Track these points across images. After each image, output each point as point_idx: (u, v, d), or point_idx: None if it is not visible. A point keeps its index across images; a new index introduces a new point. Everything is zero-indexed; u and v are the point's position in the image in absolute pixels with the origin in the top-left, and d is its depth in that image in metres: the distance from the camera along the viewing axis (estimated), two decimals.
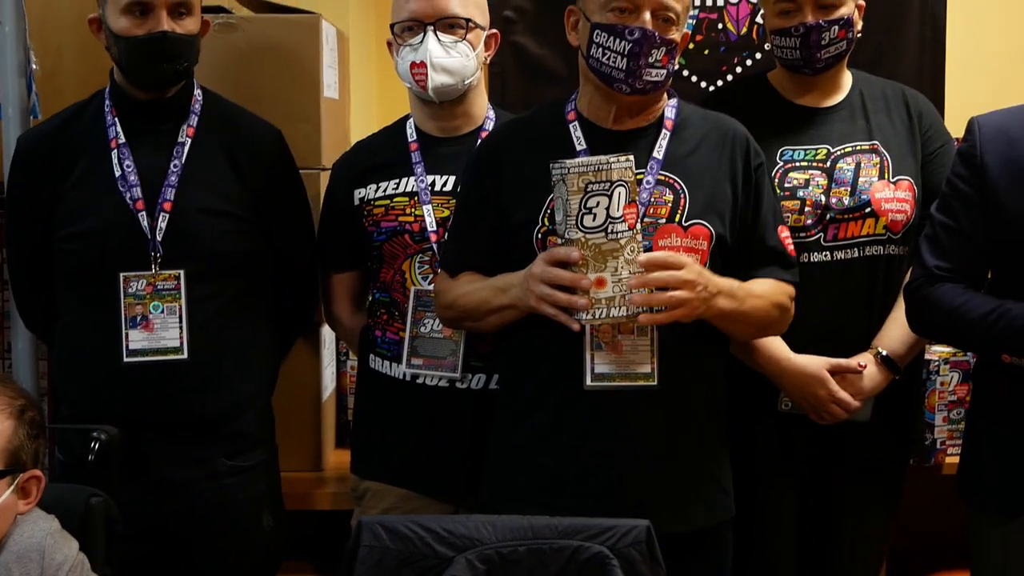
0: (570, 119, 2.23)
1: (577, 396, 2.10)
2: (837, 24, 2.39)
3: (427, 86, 2.42)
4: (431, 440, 2.44)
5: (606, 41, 2.12)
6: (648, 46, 2.10)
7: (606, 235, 1.99)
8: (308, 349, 2.82)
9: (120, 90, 2.45)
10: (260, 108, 2.60)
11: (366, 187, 2.50)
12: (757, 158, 2.23)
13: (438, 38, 2.42)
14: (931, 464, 2.88)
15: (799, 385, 2.39)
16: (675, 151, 2.19)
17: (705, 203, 2.15)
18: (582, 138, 2.20)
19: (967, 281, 2.19)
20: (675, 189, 2.16)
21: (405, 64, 2.44)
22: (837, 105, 2.49)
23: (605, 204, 1.98)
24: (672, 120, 2.22)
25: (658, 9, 2.11)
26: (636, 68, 2.11)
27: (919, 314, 2.25)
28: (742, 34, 3.66)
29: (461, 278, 2.25)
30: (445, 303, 2.27)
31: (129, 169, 2.40)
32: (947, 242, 2.20)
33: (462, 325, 2.30)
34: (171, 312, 2.38)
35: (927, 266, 2.21)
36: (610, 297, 2.00)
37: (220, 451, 2.44)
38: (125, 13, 2.34)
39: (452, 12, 2.43)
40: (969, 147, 2.20)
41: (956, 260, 2.19)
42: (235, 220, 2.44)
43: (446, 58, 2.42)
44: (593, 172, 1.98)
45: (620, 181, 1.98)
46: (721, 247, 2.16)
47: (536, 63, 3.61)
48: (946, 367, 2.88)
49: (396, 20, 2.47)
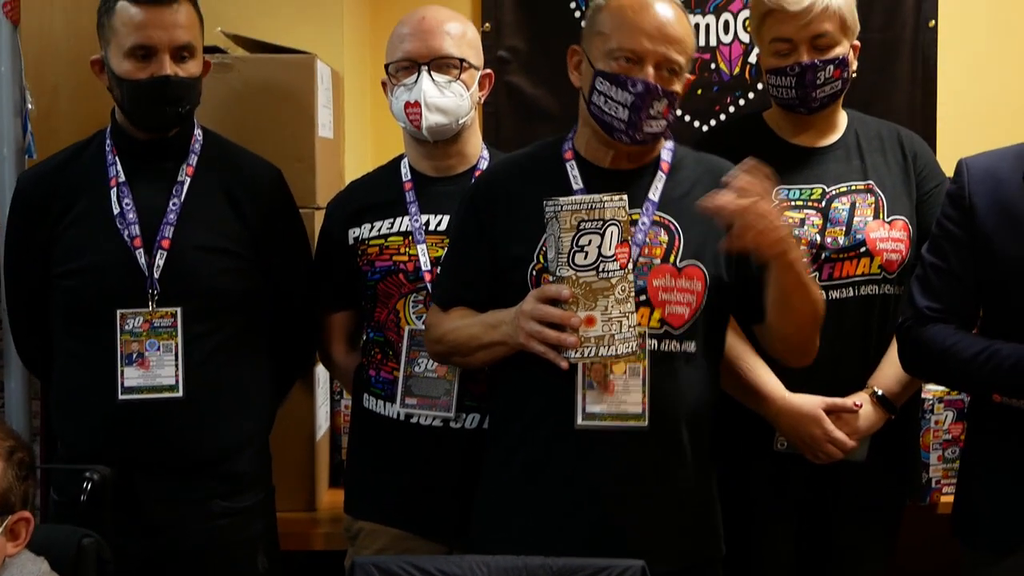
0: (567, 157, 2.24)
1: (567, 434, 2.09)
2: (832, 64, 2.40)
3: (421, 125, 2.43)
4: (425, 480, 2.43)
5: (608, 90, 2.13)
6: (650, 99, 2.12)
7: (597, 274, 1.99)
8: (302, 388, 2.81)
9: (121, 130, 2.46)
10: (255, 147, 2.60)
11: (361, 226, 2.51)
12: None
13: (432, 78, 2.43)
14: (926, 503, 2.87)
15: (795, 424, 2.38)
16: (670, 192, 2.20)
17: (699, 244, 2.16)
18: (579, 177, 2.21)
19: (958, 321, 2.20)
20: (670, 230, 2.16)
21: (399, 104, 2.45)
22: (832, 145, 2.51)
23: (597, 243, 1.99)
24: (668, 162, 2.23)
25: (662, 61, 2.12)
26: (637, 120, 2.12)
27: (910, 355, 2.26)
28: (735, 74, 3.68)
29: (452, 313, 2.25)
30: (435, 337, 2.27)
31: (128, 207, 2.40)
32: (937, 283, 2.21)
33: (451, 360, 2.30)
34: (167, 350, 2.37)
35: (918, 307, 2.21)
36: (599, 336, 2.00)
37: (215, 492, 2.42)
38: (129, 56, 2.35)
39: (446, 52, 2.45)
40: (958, 188, 2.21)
41: (946, 300, 2.20)
42: (234, 258, 2.44)
43: (440, 98, 2.43)
44: (586, 210, 1.98)
45: (613, 220, 1.99)
46: (717, 288, 2.16)
47: (530, 103, 3.62)
48: (940, 406, 2.87)
49: (390, 60, 2.49)
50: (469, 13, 3.62)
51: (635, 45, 2.12)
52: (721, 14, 3.66)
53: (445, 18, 2.47)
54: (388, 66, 2.50)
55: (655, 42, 2.12)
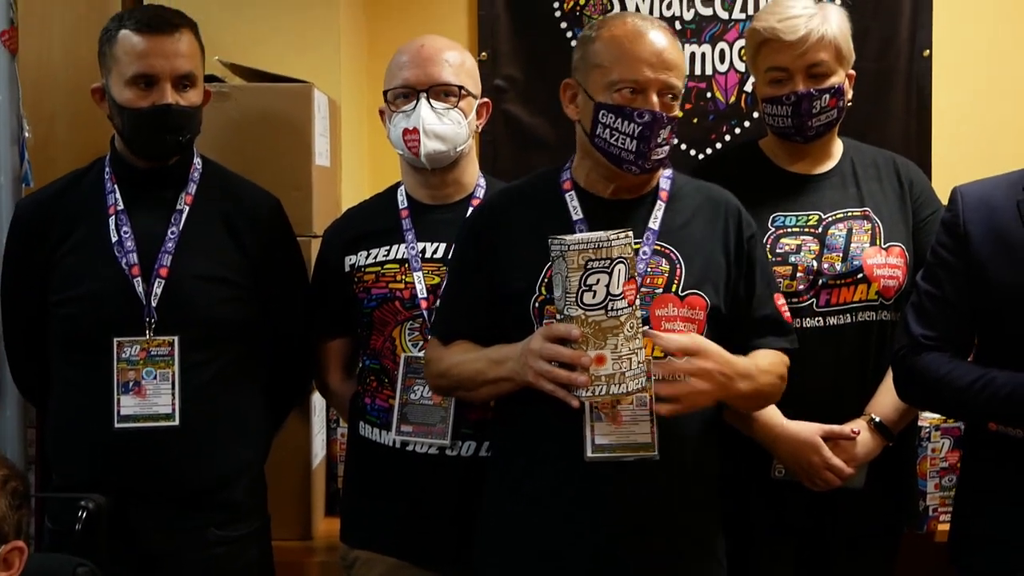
0: (566, 188, 2.24)
1: (574, 466, 2.08)
2: (828, 93, 2.41)
3: (419, 152, 2.43)
4: (420, 508, 2.42)
5: (614, 122, 2.13)
6: (658, 128, 2.13)
7: (606, 313, 1.98)
8: (298, 416, 2.80)
9: (120, 158, 2.46)
10: (252, 176, 2.61)
11: (357, 254, 2.51)
12: (749, 229, 2.24)
13: (431, 105, 2.44)
14: (924, 531, 2.86)
15: (793, 451, 2.38)
16: (670, 221, 2.20)
17: (700, 273, 2.16)
18: (579, 208, 2.20)
19: (953, 349, 2.20)
20: (671, 259, 2.16)
21: (398, 131, 2.46)
22: (828, 172, 2.52)
23: (605, 282, 1.97)
24: (667, 191, 2.23)
25: (664, 89, 2.13)
26: (646, 150, 2.13)
27: (906, 383, 2.26)
28: (730, 103, 3.70)
29: (454, 347, 2.24)
30: (437, 372, 2.25)
31: (126, 235, 2.41)
32: (932, 310, 2.21)
33: (455, 394, 2.29)
34: (164, 378, 2.37)
35: (913, 335, 2.22)
36: (610, 374, 1.99)
37: (211, 520, 2.41)
38: (130, 85, 2.36)
39: (445, 80, 2.46)
40: (952, 216, 2.22)
41: (941, 328, 2.20)
42: (232, 287, 2.44)
43: (438, 125, 2.43)
44: (593, 250, 1.97)
45: (620, 258, 1.98)
46: (716, 317, 2.17)
47: (527, 131, 3.64)
48: (937, 434, 2.87)
49: (389, 87, 2.50)
50: (466, 42, 3.64)
51: (637, 75, 2.13)
52: (717, 43, 3.68)
53: (444, 46, 2.49)
54: (387, 93, 2.50)
55: (656, 70, 2.12)
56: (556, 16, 3.66)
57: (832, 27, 2.41)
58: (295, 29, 3.19)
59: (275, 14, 3.18)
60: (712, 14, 3.68)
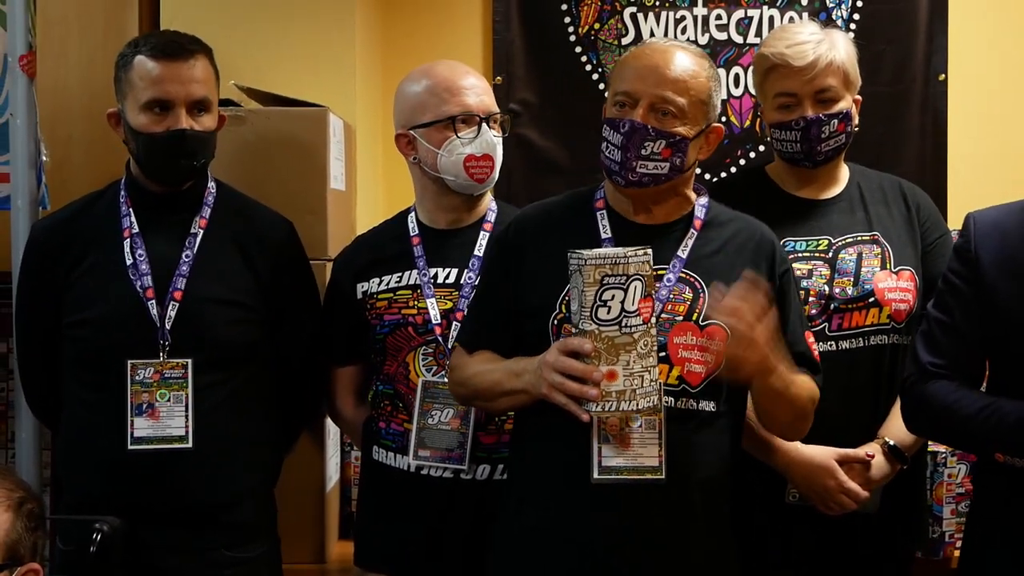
0: (598, 207, 2.24)
1: (583, 487, 2.08)
2: (836, 118, 2.42)
3: (488, 179, 2.45)
4: (435, 531, 2.42)
5: (608, 135, 2.16)
6: (638, 138, 2.12)
7: (620, 329, 1.98)
8: (312, 441, 2.80)
9: (136, 182, 2.48)
10: (267, 199, 2.62)
11: (369, 281, 2.51)
12: (783, 264, 2.23)
13: (492, 131, 2.46)
14: (940, 557, 2.84)
15: (807, 475, 2.37)
16: (700, 250, 2.18)
17: None
18: (608, 227, 2.21)
19: (962, 378, 2.16)
20: (695, 288, 2.15)
21: (456, 157, 2.43)
22: (836, 197, 2.52)
23: (620, 298, 1.97)
24: (701, 219, 2.22)
25: (656, 102, 2.13)
26: (627, 160, 2.13)
27: (913, 412, 2.23)
28: (745, 127, 3.70)
29: (477, 356, 2.24)
30: (458, 379, 2.26)
31: (141, 258, 2.42)
32: (942, 338, 2.18)
33: (474, 403, 2.30)
34: (177, 401, 2.38)
35: (921, 362, 2.19)
36: (621, 391, 1.99)
37: (221, 541, 2.42)
38: (145, 110, 2.38)
39: (495, 109, 2.49)
40: (964, 242, 2.20)
41: (950, 356, 2.17)
42: (245, 310, 2.45)
43: (499, 151, 2.47)
44: (610, 265, 1.97)
45: (637, 275, 1.98)
46: None
47: (541, 155, 3.64)
48: (954, 459, 2.86)
49: (439, 116, 2.45)
50: (481, 66, 3.66)
51: (628, 87, 2.14)
52: (731, 67, 3.69)
53: (477, 73, 2.52)
54: (436, 121, 2.45)
55: (648, 83, 2.13)
56: (571, 40, 3.68)
57: (840, 53, 2.42)
58: (311, 54, 3.22)
59: (291, 39, 3.21)
60: (727, 39, 3.69)
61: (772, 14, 3.67)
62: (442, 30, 3.71)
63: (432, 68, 2.52)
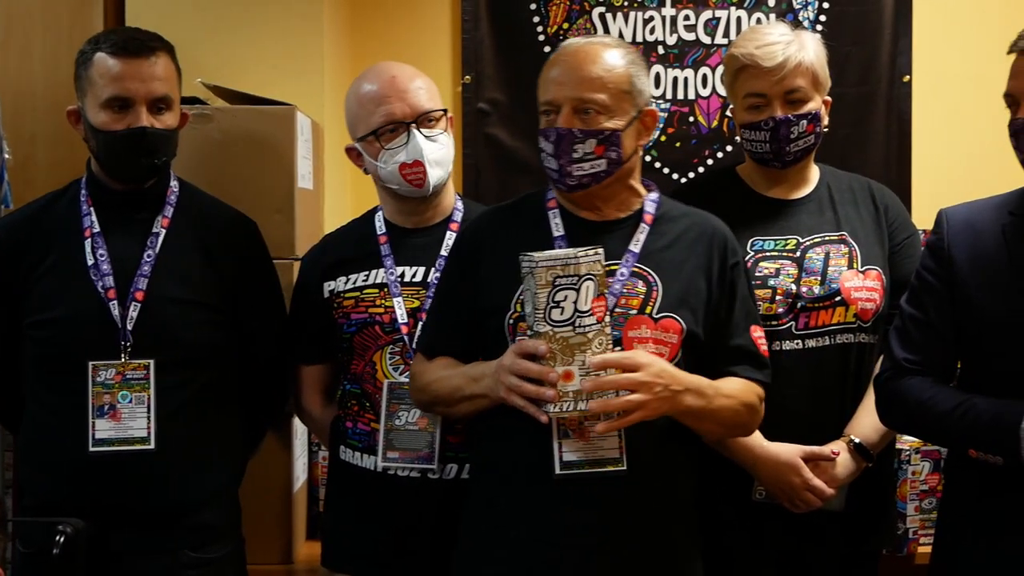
0: (550, 206, 2.26)
1: (545, 484, 2.09)
2: (805, 118, 2.43)
3: (426, 184, 2.43)
4: (402, 531, 2.42)
5: (543, 145, 2.19)
6: (567, 143, 2.14)
7: (574, 329, 2.00)
8: (279, 440, 2.79)
9: (97, 181, 2.46)
10: (234, 198, 2.61)
11: (336, 280, 2.50)
12: (734, 256, 2.25)
13: (423, 134, 2.44)
14: (904, 554, 2.87)
15: (773, 473, 2.38)
16: (652, 244, 2.20)
17: (678, 297, 2.16)
18: (560, 225, 2.22)
19: (935, 374, 2.19)
20: (648, 281, 2.17)
21: (391, 166, 2.44)
22: (805, 197, 2.53)
23: (573, 298, 1.99)
24: (652, 214, 2.24)
25: (577, 104, 2.15)
26: (562, 167, 2.16)
27: (888, 407, 2.26)
28: (713, 127, 3.72)
29: (436, 362, 2.25)
30: (419, 386, 2.28)
31: (102, 258, 2.40)
32: (916, 334, 2.21)
33: (434, 410, 2.30)
34: (139, 402, 2.36)
35: (896, 358, 2.21)
36: (577, 390, 2.00)
37: (185, 543, 2.41)
38: (105, 107, 2.36)
39: (428, 107, 2.47)
40: (938, 239, 2.22)
41: (924, 353, 2.20)
42: (207, 310, 2.44)
43: (435, 152, 2.45)
44: (561, 266, 1.99)
45: (588, 275, 1.99)
46: (692, 342, 2.17)
47: (510, 155, 3.65)
48: (917, 456, 2.88)
49: (369, 128, 2.47)
50: (450, 66, 3.67)
51: (550, 96, 2.18)
52: (699, 68, 3.71)
53: (411, 73, 2.50)
54: (367, 134, 2.47)
55: (565, 88, 2.15)
56: (540, 40, 3.68)
57: (809, 54, 2.43)
58: (279, 53, 3.20)
59: (259, 38, 3.20)
60: (695, 39, 3.71)
61: (740, 15, 3.70)
62: (411, 29, 3.71)
63: (362, 78, 2.52)
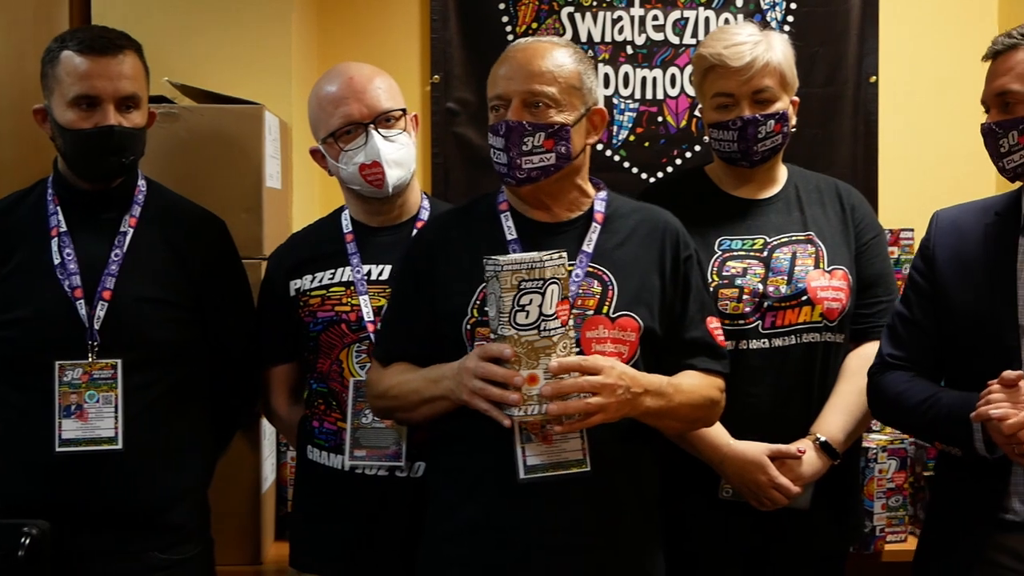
0: (502, 209, 2.26)
1: (508, 487, 2.09)
2: (773, 118, 2.45)
3: (385, 184, 2.43)
4: (370, 530, 2.41)
5: (492, 140, 2.19)
6: (517, 136, 2.14)
7: (539, 333, 2.00)
8: (248, 441, 2.78)
9: (63, 180, 2.44)
10: (202, 197, 2.60)
11: (302, 278, 2.50)
12: (686, 250, 2.26)
13: (382, 135, 2.44)
14: (871, 552, 2.89)
15: (740, 471, 2.39)
16: (605, 243, 2.21)
17: (633, 295, 2.17)
18: (513, 228, 2.23)
19: (920, 370, 2.25)
20: (603, 281, 2.18)
21: (351, 168, 2.44)
22: (773, 197, 2.55)
23: (538, 302, 1.99)
24: (602, 213, 2.25)
25: (527, 97, 2.16)
26: (512, 160, 2.16)
27: (872, 401, 2.32)
28: (681, 127, 3.73)
29: (392, 368, 2.25)
30: (377, 393, 2.27)
31: (69, 257, 2.39)
32: (902, 332, 2.28)
33: (394, 416, 2.29)
34: (107, 402, 2.35)
35: (883, 354, 2.29)
36: (542, 394, 2.00)
37: (153, 544, 2.39)
38: (72, 106, 2.35)
39: (386, 107, 2.46)
40: (926, 239, 2.30)
41: (909, 349, 2.26)
42: (175, 309, 2.42)
43: (395, 152, 2.44)
44: (526, 270, 1.99)
45: (553, 279, 2.00)
46: (650, 338, 2.18)
47: (479, 154, 3.64)
48: (884, 455, 2.90)
49: (328, 130, 2.47)
50: (418, 66, 3.66)
51: (499, 90, 2.18)
52: (668, 68, 3.72)
53: (370, 73, 2.49)
54: (327, 136, 2.47)
55: (515, 82, 2.16)
56: (508, 40, 3.66)
57: (777, 54, 2.45)
58: (247, 52, 3.18)
59: (227, 36, 3.18)
60: (663, 39, 3.72)
61: (708, 15, 3.71)
62: (379, 29, 3.70)
63: (322, 79, 2.52)
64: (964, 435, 2.11)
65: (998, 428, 2.01)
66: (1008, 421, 2.00)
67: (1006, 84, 2.15)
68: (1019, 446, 2.02)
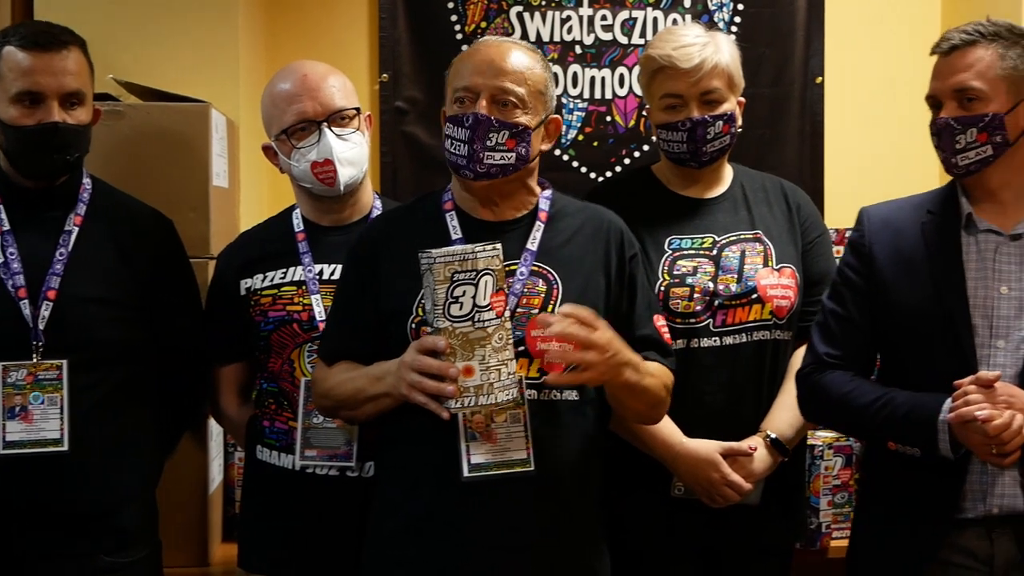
0: (447, 208, 2.26)
1: (451, 485, 2.09)
2: (721, 119, 2.46)
3: (337, 183, 2.42)
4: (320, 531, 2.40)
5: (452, 131, 2.18)
6: (483, 130, 2.14)
7: (473, 324, 2.01)
8: (195, 441, 2.76)
9: (6, 178, 2.41)
10: (148, 196, 2.57)
11: (252, 277, 2.48)
12: (631, 249, 2.27)
13: (334, 133, 2.42)
14: (817, 548, 2.92)
15: (692, 468, 2.41)
16: (549, 242, 2.22)
17: (578, 293, 2.17)
18: (458, 227, 2.23)
19: (856, 368, 2.25)
20: (548, 279, 2.18)
21: (303, 165, 2.43)
22: (720, 196, 2.56)
23: (472, 293, 2.00)
24: (546, 211, 2.25)
25: (497, 94, 2.16)
26: (474, 153, 2.15)
27: (809, 400, 2.31)
28: (630, 126, 3.75)
29: (337, 367, 2.24)
30: (321, 392, 2.26)
31: (12, 257, 2.35)
32: (837, 329, 2.27)
33: (339, 414, 2.28)
34: (52, 403, 2.32)
35: (817, 353, 2.27)
36: (478, 385, 2.02)
37: (100, 547, 2.37)
38: (15, 102, 2.32)
39: (340, 105, 2.45)
40: (859, 237, 2.28)
41: (845, 347, 2.25)
42: (122, 309, 2.40)
43: (347, 151, 2.43)
44: (459, 262, 2.00)
45: (486, 270, 2.01)
46: None
47: (427, 153, 3.64)
48: (830, 452, 2.93)
49: (281, 127, 2.46)
50: (367, 64, 3.65)
51: (468, 82, 2.18)
52: (616, 68, 3.73)
53: (325, 71, 2.48)
54: (280, 133, 2.46)
55: (486, 76, 2.17)
56: (457, 39, 3.68)
57: (724, 56, 2.46)
58: (193, 48, 3.15)
59: (172, 32, 3.15)
60: (612, 39, 3.73)
61: (656, 16, 3.73)
62: (328, 28, 3.68)
63: (276, 77, 2.51)
64: (927, 435, 2.11)
65: (982, 429, 2.01)
66: (994, 422, 2.00)
67: (966, 81, 2.15)
68: (1000, 446, 2.03)
